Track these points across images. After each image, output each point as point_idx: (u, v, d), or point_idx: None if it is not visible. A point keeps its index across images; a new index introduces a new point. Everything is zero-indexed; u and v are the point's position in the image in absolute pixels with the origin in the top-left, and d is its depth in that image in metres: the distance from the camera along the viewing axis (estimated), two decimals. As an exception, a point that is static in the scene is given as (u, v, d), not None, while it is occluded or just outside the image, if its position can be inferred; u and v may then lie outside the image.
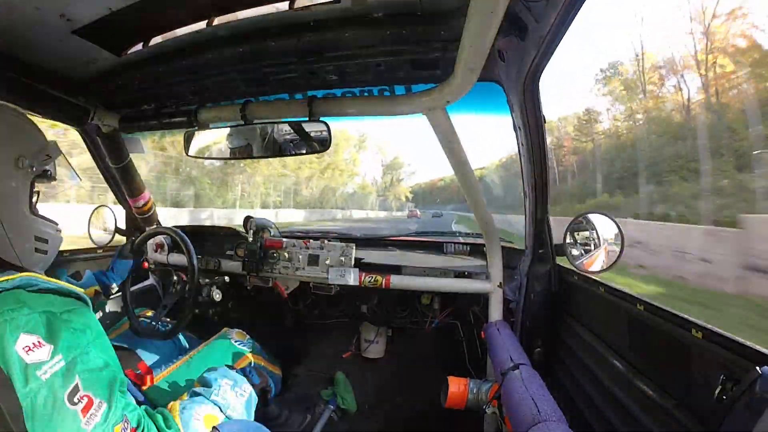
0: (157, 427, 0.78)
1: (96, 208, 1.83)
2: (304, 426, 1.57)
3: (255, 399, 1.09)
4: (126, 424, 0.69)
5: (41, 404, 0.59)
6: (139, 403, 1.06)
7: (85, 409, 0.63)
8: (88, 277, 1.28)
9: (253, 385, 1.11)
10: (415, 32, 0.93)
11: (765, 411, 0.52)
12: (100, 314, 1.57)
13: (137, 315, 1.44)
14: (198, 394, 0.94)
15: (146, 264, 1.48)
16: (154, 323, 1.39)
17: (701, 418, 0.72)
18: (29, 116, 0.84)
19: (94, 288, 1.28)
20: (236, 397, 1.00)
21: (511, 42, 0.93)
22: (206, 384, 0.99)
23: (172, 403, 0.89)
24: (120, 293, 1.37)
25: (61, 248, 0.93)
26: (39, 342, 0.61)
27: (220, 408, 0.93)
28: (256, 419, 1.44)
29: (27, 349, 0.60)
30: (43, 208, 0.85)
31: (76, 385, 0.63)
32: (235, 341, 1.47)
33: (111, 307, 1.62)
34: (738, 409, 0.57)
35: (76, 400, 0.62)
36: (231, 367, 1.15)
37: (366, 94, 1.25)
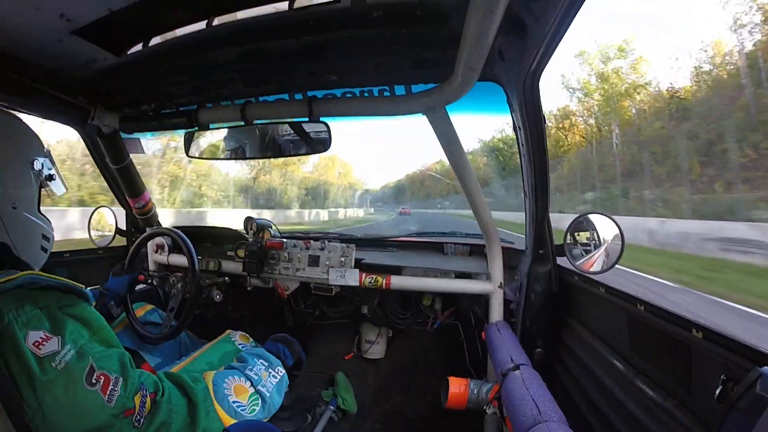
0: (182, 385, 0.81)
1: (95, 209, 1.83)
2: (304, 426, 1.57)
3: (286, 382, 1.12)
4: (144, 391, 0.72)
5: (62, 392, 0.62)
6: None
7: (105, 387, 0.66)
8: None
9: (287, 368, 1.14)
10: (414, 32, 0.93)
11: (765, 411, 0.52)
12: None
13: (137, 309, 1.45)
14: (233, 368, 0.98)
15: (142, 276, 1.48)
16: (163, 326, 1.39)
17: (701, 418, 0.71)
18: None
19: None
20: (269, 377, 1.03)
21: (511, 42, 0.93)
22: (243, 360, 1.04)
23: (207, 372, 0.93)
24: (121, 305, 1.37)
25: (61, 249, 0.94)
26: (46, 336, 0.63)
27: (251, 382, 0.96)
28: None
29: (37, 344, 0.62)
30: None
31: (91, 366, 0.66)
32: (239, 344, 1.47)
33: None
34: (738, 409, 0.57)
35: (93, 380, 0.65)
36: (270, 350, 1.19)
37: (366, 94, 1.25)
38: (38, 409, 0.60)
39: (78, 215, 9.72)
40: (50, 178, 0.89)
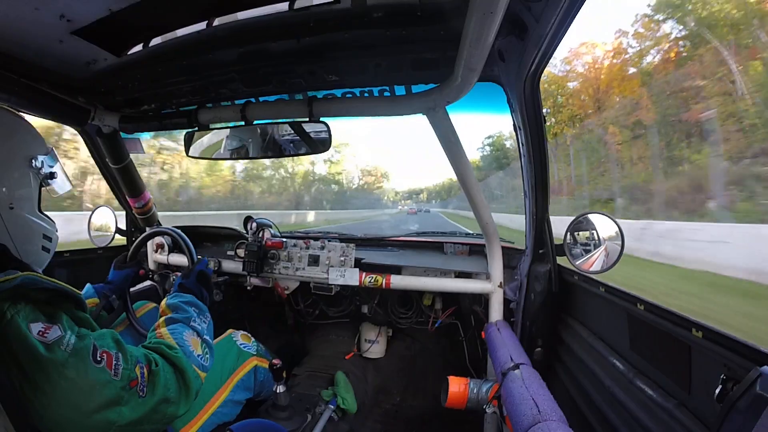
0: (163, 354, 0.83)
1: (95, 209, 1.83)
2: (304, 426, 1.57)
3: (212, 324, 1.09)
4: (141, 363, 0.75)
5: (74, 373, 0.64)
6: None
7: (109, 363, 0.69)
8: (87, 290, 1.28)
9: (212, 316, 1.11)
10: (415, 32, 0.93)
11: (765, 411, 0.52)
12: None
13: (140, 307, 1.45)
14: (176, 321, 0.96)
15: (143, 271, 1.48)
16: None
17: (701, 418, 0.72)
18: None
19: (94, 300, 1.27)
20: (202, 323, 1.02)
21: (511, 42, 0.93)
22: (179, 309, 1.01)
23: (159, 331, 0.92)
24: (121, 299, 1.37)
25: (61, 249, 0.94)
26: (46, 326, 0.65)
27: (197, 333, 0.96)
28: (265, 408, 1.44)
29: (41, 333, 0.64)
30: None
31: (93, 345, 0.69)
32: (241, 343, 1.47)
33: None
34: (738, 409, 0.57)
35: (98, 358, 0.68)
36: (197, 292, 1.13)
37: (366, 94, 1.25)
38: (53, 393, 0.62)
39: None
40: (51, 176, 0.88)
